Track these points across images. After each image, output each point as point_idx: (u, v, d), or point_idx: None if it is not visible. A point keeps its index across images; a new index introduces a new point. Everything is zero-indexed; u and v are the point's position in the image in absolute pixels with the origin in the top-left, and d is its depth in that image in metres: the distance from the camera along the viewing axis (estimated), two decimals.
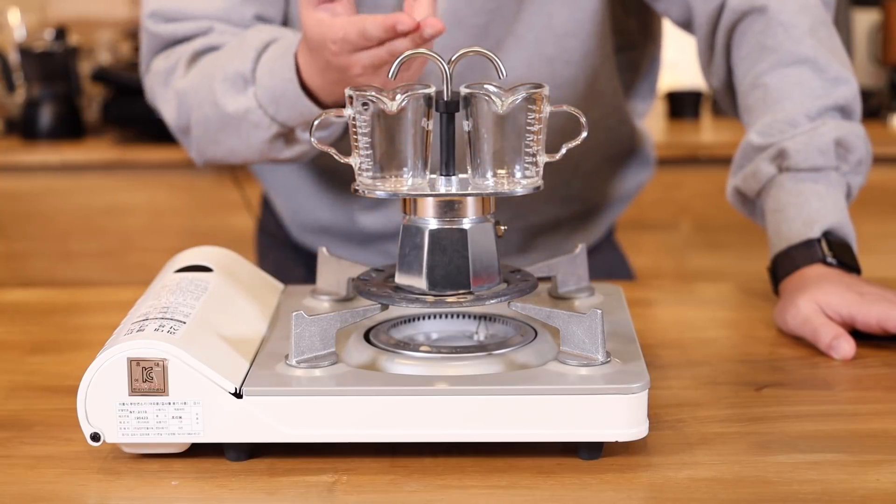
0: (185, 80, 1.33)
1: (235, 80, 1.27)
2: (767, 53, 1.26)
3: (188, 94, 1.32)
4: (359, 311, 0.91)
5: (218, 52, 1.31)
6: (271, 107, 1.25)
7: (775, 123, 1.23)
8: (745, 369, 1.07)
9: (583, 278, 1.08)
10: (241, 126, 1.28)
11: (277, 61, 1.23)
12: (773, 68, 1.25)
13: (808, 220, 1.18)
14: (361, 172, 0.95)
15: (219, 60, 1.29)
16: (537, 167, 0.94)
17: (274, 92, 1.24)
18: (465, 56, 0.93)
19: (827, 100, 1.24)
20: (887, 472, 0.85)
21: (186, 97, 1.33)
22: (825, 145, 1.21)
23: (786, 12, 1.26)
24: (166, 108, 1.37)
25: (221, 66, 1.28)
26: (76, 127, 2.73)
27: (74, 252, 2.66)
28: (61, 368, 1.10)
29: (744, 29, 1.28)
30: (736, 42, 1.29)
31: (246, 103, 1.26)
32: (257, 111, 1.26)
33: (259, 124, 1.27)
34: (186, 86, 1.32)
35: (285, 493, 0.84)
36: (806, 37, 1.25)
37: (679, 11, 1.35)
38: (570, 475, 0.85)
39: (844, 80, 1.25)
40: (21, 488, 0.85)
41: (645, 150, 1.57)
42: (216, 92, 1.28)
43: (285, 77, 1.22)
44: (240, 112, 1.27)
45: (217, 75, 1.28)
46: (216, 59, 1.30)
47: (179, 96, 1.34)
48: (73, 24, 2.99)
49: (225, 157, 1.34)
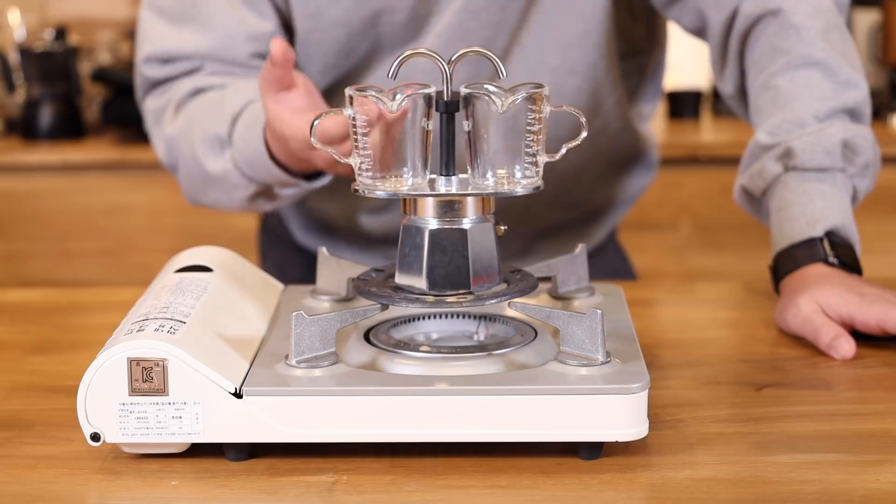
0: (174, 127, 1.36)
1: (214, 142, 1.31)
2: (779, 55, 1.26)
3: (177, 142, 1.36)
4: (359, 311, 0.91)
5: (202, 104, 1.34)
6: (247, 168, 1.29)
7: (784, 123, 1.23)
8: (745, 369, 1.06)
9: (583, 278, 1.08)
10: (223, 184, 1.33)
11: (250, 130, 1.27)
12: (784, 70, 1.25)
13: (812, 219, 1.18)
14: (361, 172, 0.95)
15: (201, 118, 1.33)
16: (537, 167, 0.94)
17: (247, 157, 1.28)
18: (465, 56, 0.93)
19: (836, 102, 1.24)
20: (887, 472, 0.85)
21: (174, 144, 1.37)
22: (832, 146, 1.21)
23: (799, 14, 1.26)
24: (159, 147, 1.41)
25: (202, 126, 1.32)
26: (76, 127, 2.73)
27: (74, 252, 2.66)
28: (61, 368, 1.10)
29: (757, 33, 1.28)
30: (749, 46, 1.29)
31: (224, 165, 1.31)
32: (235, 173, 1.30)
33: (238, 184, 1.31)
34: (175, 133, 1.36)
35: (285, 493, 0.84)
36: (818, 39, 1.25)
37: (691, 19, 1.34)
38: (570, 475, 0.85)
39: (855, 84, 1.25)
40: (21, 488, 0.85)
41: (648, 154, 1.56)
42: (197, 152, 1.32)
43: (256, 147, 1.26)
44: (219, 173, 1.32)
45: (198, 135, 1.32)
46: (199, 114, 1.33)
47: (168, 141, 1.37)
48: (73, 24, 2.99)
49: (212, 205, 1.39)
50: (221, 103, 1.31)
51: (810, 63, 1.24)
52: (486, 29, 1.35)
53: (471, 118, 0.93)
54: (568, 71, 1.38)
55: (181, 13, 1.36)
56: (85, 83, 2.82)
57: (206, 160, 1.31)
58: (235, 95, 1.31)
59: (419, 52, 0.94)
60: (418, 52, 0.94)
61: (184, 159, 1.35)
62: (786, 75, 1.25)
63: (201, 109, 1.33)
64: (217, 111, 1.31)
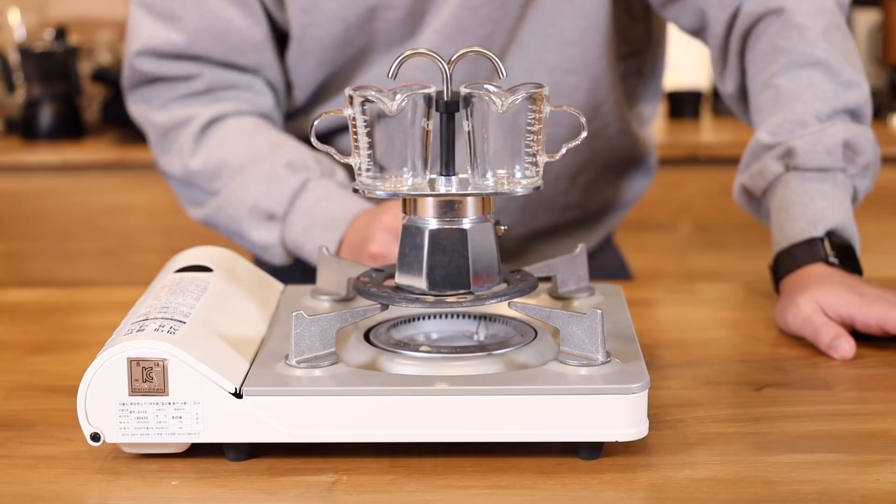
0: (196, 161, 1.39)
1: (262, 215, 1.36)
2: (781, 55, 1.26)
3: (199, 179, 1.40)
4: (359, 311, 0.91)
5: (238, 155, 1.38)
6: (294, 250, 1.36)
7: (785, 123, 1.23)
8: (745, 369, 1.06)
9: (583, 278, 1.08)
10: (255, 247, 1.39)
11: (326, 229, 1.32)
12: (785, 69, 1.25)
13: (813, 219, 1.18)
14: (361, 172, 0.95)
15: (247, 182, 1.36)
16: (537, 167, 0.94)
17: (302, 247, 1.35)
18: (465, 56, 0.93)
19: (837, 102, 1.24)
20: (887, 472, 0.85)
21: (198, 181, 1.40)
22: (833, 146, 1.21)
23: (801, 14, 1.26)
24: (167, 163, 1.43)
25: (250, 192, 1.36)
26: (76, 127, 2.74)
27: (74, 252, 2.66)
28: (61, 368, 1.10)
29: (759, 32, 1.28)
30: (750, 45, 1.29)
31: (270, 238, 1.37)
32: (278, 247, 1.37)
33: (274, 254, 1.38)
34: (198, 168, 1.39)
35: (285, 493, 0.84)
36: (820, 39, 1.25)
37: (691, 18, 1.34)
38: (570, 475, 0.85)
39: (856, 85, 1.25)
40: (21, 488, 0.85)
41: (647, 158, 1.56)
42: (240, 215, 1.37)
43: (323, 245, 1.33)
44: (259, 242, 1.38)
45: (243, 201, 1.37)
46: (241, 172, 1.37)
47: (189, 175, 1.40)
48: (73, 24, 2.99)
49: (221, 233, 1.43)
50: (273, 176, 1.34)
51: (812, 63, 1.24)
52: (485, 26, 1.35)
53: (471, 118, 0.93)
54: (567, 70, 1.38)
55: (170, 11, 1.36)
56: (85, 83, 2.82)
57: (248, 227, 1.37)
58: (290, 172, 1.35)
59: (419, 52, 0.94)
60: (418, 52, 0.94)
61: (214, 213, 1.40)
62: (787, 75, 1.25)
63: (241, 164, 1.36)
64: (267, 182, 1.34)
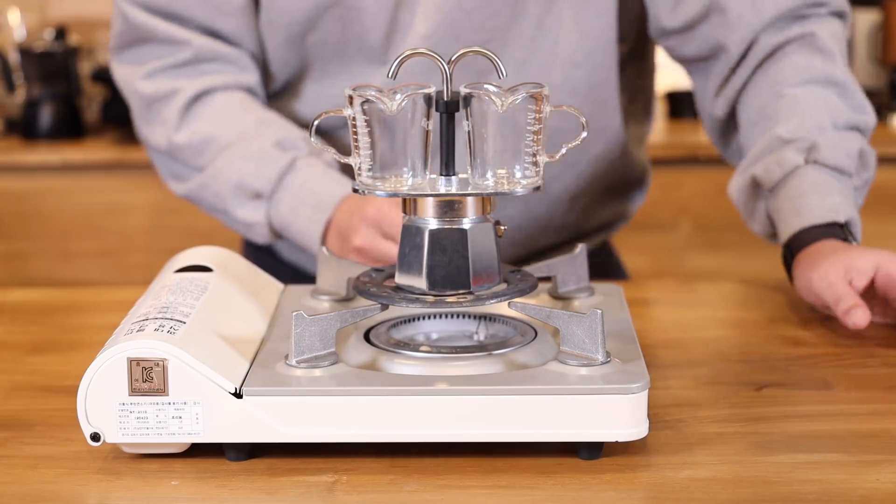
0: (182, 135, 1.37)
1: (248, 193, 1.34)
2: (802, 72, 1.29)
3: (186, 156, 1.37)
4: (359, 311, 0.91)
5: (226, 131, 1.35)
6: (280, 229, 1.35)
7: (804, 124, 1.26)
8: (745, 369, 1.07)
9: (583, 278, 1.08)
10: (239, 225, 1.37)
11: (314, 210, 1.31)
12: (802, 84, 1.28)
13: (832, 207, 1.20)
14: (361, 172, 0.95)
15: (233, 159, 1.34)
16: (537, 167, 0.94)
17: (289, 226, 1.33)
18: (465, 56, 0.93)
19: (851, 119, 1.27)
20: (887, 472, 0.85)
21: (182, 156, 1.38)
22: (852, 151, 1.24)
23: (823, 38, 1.30)
24: (149, 133, 1.41)
25: (237, 169, 1.34)
26: (76, 127, 2.73)
27: (74, 252, 2.65)
28: (61, 368, 1.10)
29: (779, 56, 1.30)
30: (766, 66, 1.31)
31: (255, 217, 1.35)
32: (264, 226, 1.35)
33: (259, 232, 1.36)
34: (183, 143, 1.37)
35: (285, 493, 0.84)
36: (840, 63, 1.30)
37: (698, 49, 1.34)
38: (570, 475, 0.85)
39: (867, 112, 1.29)
40: (21, 488, 0.85)
41: (645, 179, 1.54)
42: (224, 193, 1.35)
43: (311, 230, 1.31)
44: (244, 220, 1.36)
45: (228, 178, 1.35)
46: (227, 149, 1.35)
47: (173, 149, 1.38)
48: (73, 24, 2.99)
49: (203, 209, 1.42)
50: (261, 154, 1.33)
51: (830, 82, 1.28)
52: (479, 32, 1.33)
53: (471, 118, 0.93)
54: (570, 91, 1.35)
55: None
56: (85, 83, 2.82)
57: (233, 205, 1.35)
58: (278, 151, 1.33)
59: (419, 52, 0.94)
60: (418, 52, 0.94)
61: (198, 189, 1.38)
62: (803, 88, 1.28)
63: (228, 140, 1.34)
64: (255, 160, 1.33)
